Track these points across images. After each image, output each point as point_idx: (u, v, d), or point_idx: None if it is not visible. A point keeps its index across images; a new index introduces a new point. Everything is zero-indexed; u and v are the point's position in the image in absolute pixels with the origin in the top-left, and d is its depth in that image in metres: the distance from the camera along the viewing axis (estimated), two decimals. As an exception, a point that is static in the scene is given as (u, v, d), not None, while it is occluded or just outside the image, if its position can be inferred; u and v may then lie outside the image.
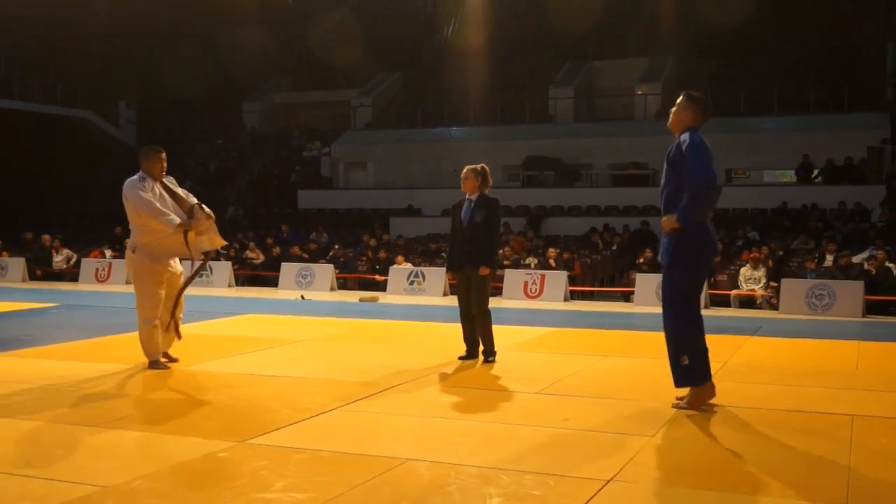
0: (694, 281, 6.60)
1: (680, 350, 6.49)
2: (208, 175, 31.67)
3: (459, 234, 8.83)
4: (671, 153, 6.50)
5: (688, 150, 6.36)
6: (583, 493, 4.54)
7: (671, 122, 6.67)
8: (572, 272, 18.19)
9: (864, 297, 14.96)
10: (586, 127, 29.15)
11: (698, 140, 6.41)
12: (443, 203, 22.37)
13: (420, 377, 7.87)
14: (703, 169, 6.31)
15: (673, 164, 6.50)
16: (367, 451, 5.31)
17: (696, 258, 6.53)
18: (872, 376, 8.19)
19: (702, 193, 6.34)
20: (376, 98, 33.38)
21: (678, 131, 6.59)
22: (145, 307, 8.07)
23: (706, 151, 6.39)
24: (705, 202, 6.44)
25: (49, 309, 14.12)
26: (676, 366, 6.52)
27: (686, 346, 6.48)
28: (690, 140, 6.40)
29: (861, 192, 22.62)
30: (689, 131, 6.50)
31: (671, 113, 6.68)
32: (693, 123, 6.55)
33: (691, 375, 6.52)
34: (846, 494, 4.59)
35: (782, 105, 27.18)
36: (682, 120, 6.60)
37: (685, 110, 6.59)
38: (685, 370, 6.49)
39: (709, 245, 6.62)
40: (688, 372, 6.50)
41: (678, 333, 6.52)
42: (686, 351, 6.47)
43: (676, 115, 6.63)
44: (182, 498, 4.46)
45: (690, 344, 6.49)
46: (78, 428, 5.90)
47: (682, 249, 6.46)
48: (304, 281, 19.38)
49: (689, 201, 6.32)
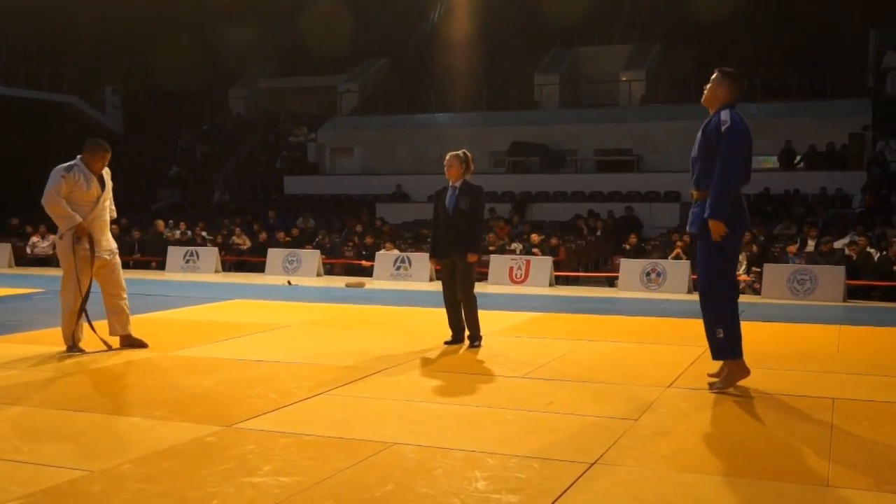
0: (730, 255, 6.61)
1: (715, 323, 6.56)
2: (194, 161, 31.59)
3: (444, 221, 8.86)
4: (709, 126, 6.46)
5: (727, 134, 6.32)
6: (567, 476, 4.59)
7: (706, 97, 6.64)
8: (557, 258, 18.26)
9: (845, 282, 15.08)
10: (571, 113, 29.20)
11: (741, 127, 6.35)
12: (429, 189, 22.33)
13: (406, 362, 7.92)
14: (738, 164, 6.32)
15: (709, 139, 6.45)
16: (354, 435, 5.35)
17: (730, 233, 6.45)
18: (853, 360, 8.27)
19: (731, 189, 6.36)
20: (363, 84, 33.31)
21: (714, 108, 6.56)
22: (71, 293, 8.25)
23: (746, 141, 6.36)
24: (736, 186, 6.42)
25: (34, 294, 14.10)
26: (713, 338, 6.59)
27: (720, 320, 6.53)
28: (732, 123, 6.34)
29: (843, 178, 22.77)
30: (729, 108, 6.47)
31: (705, 89, 6.64)
32: (729, 99, 6.53)
33: (726, 349, 6.59)
34: (827, 476, 4.65)
35: (765, 91, 27.25)
36: (718, 96, 6.58)
37: (720, 86, 6.57)
38: (720, 343, 6.57)
39: (741, 220, 6.59)
40: (722, 345, 6.57)
41: (715, 306, 6.56)
42: (721, 324, 6.53)
43: (711, 92, 6.60)
44: (169, 482, 4.49)
45: (724, 318, 6.53)
46: (65, 413, 5.92)
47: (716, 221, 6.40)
48: (291, 266, 19.39)
49: (719, 195, 6.32)
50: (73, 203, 8.13)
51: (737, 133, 6.33)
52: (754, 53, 29.30)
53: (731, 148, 6.31)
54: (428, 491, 4.38)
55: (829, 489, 4.46)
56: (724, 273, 6.62)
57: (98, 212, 8.28)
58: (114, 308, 8.45)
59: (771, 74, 28.00)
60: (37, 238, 22.33)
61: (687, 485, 4.53)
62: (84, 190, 8.13)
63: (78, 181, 8.10)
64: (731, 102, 6.54)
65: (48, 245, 22.18)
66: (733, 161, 6.32)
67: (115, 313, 8.45)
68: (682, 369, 7.56)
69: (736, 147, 6.32)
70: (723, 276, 6.60)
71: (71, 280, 8.26)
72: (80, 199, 8.15)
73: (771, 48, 29.72)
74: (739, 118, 6.41)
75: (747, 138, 6.40)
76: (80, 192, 8.13)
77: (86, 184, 8.14)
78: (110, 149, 8.37)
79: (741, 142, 6.34)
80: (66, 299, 8.30)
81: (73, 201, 8.14)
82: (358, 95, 32.75)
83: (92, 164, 8.20)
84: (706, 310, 6.64)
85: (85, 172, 8.15)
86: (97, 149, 8.23)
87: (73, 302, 8.24)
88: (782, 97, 26.90)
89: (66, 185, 8.07)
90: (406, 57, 34.92)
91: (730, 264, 6.68)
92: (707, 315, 6.62)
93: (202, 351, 8.39)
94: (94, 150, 8.21)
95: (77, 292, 8.21)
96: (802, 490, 4.45)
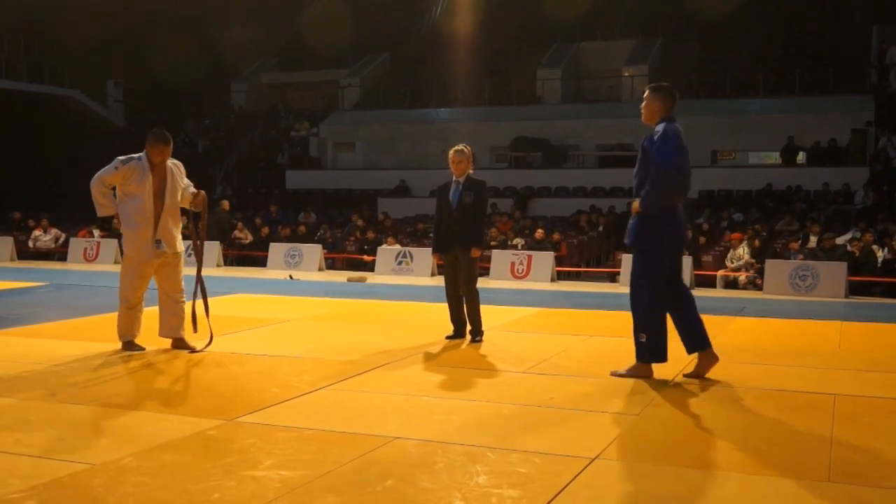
0: (656, 264, 6.82)
1: (639, 328, 6.87)
2: (196, 155, 31.57)
3: (448, 216, 8.85)
4: (645, 142, 6.74)
5: (658, 138, 6.60)
6: (568, 471, 4.59)
7: (644, 116, 6.96)
8: (559, 253, 18.26)
9: (846, 279, 15.08)
10: (573, 108, 29.18)
11: (671, 131, 6.63)
12: (430, 184, 22.39)
13: (407, 356, 7.92)
14: (666, 156, 6.56)
15: (645, 152, 6.73)
16: (355, 430, 5.36)
17: (657, 242, 6.77)
18: (854, 356, 8.28)
19: (663, 179, 6.58)
20: (364, 78, 33.27)
21: (654, 123, 6.83)
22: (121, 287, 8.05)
23: (675, 141, 6.61)
24: (668, 188, 6.66)
25: (37, 288, 14.11)
26: (637, 340, 6.91)
27: (644, 325, 6.84)
28: (663, 130, 6.63)
29: (845, 174, 22.74)
30: (665, 121, 6.73)
31: (641, 109, 6.94)
32: (664, 112, 6.80)
33: (647, 353, 6.88)
34: (828, 473, 4.66)
35: (768, 87, 27.24)
36: (653, 111, 6.87)
37: (652, 102, 6.87)
38: (642, 346, 6.89)
39: (673, 230, 6.84)
40: (644, 348, 6.88)
41: (638, 312, 6.86)
42: (644, 329, 6.83)
43: (646, 109, 6.91)
44: (170, 475, 4.49)
45: (648, 323, 6.82)
46: (66, 406, 5.93)
47: (645, 233, 6.76)
48: (293, 261, 19.41)
49: (652, 187, 6.60)
50: (129, 195, 7.89)
51: (666, 134, 6.61)
52: (757, 49, 29.27)
53: (661, 145, 6.58)
54: (429, 485, 4.39)
55: (829, 485, 4.47)
56: (644, 276, 6.83)
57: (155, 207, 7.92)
58: (168, 309, 8.15)
59: (773, 70, 27.97)
60: (39, 232, 22.34)
61: (688, 480, 4.53)
62: (137, 182, 7.83)
63: (132, 173, 7.82)
64: (667, 115, 6.80)
65: (50, 239, 22.22)
66: (664, 151, 6.57)
67: (169, 314, 8.16)
68: (684, 365, 7.55)
69: (664, 142, 6.58)
70: (642, 280, 6.83)
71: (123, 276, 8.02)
72: (134, 191, 7.88)
73: (773, 43, 29.68)
74: (672, 128, 6.68)
75: (678, 138, 6.64)
76: (133, 184, 7.83)
77: (140, 176, 7.84)
78: (170, 140, 8.01)
79: (670, 138, 6.59)
80: (121, 294, 8.03)
81: (129, 193, 7.89)
82: (359, 90, 32.71)
83: (150, 155, 7.91)
84: (632, 313, 6.92)
85: (143, 165, 7.87)
86: (155, 140, 7.91)
87: (130, 296, 7.98)
88: (785, 93, 26.88)
89: (118, 175, 7.81)
90: (408, 52, 34.87)
91: (652, 268, 6.83)
92: (633, 317, 6.92)
93: (203, 345, 8.39)
94: (152, 142, 7.90)
95: (132, 287, 7.96)
96: (803, 485, 4.45)
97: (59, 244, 22.05)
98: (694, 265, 16.72)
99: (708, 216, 21.22)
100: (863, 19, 28.77)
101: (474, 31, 32.22)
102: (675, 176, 6.63)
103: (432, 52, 33.26)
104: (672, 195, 6.72)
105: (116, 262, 20.36)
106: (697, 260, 17.25)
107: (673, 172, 6.60)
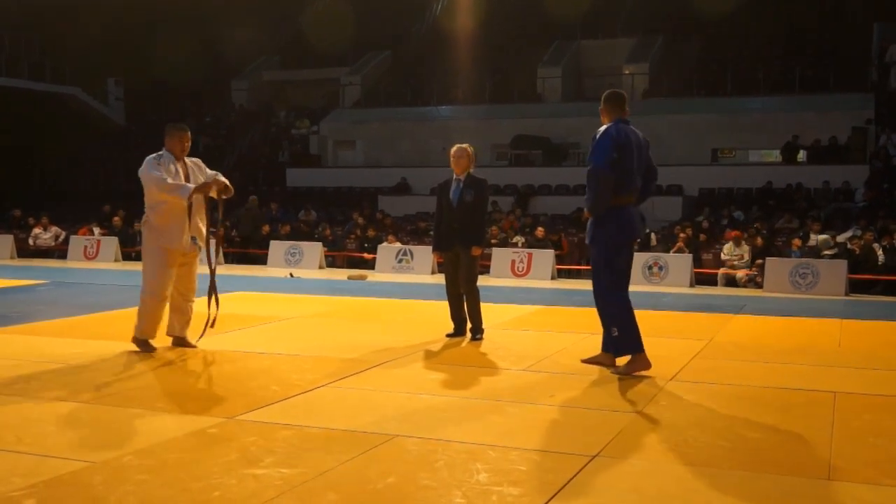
0: (612, 260, 7.05)
1: (608, 322, 7.08)
2: (197, 152, 31.38)
3: (448, 214, 8.85)
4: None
5: (595, 139, 6.93)
6: (568, 469, 4.59)
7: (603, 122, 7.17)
8: (559, 251, 18.26)
9: (846, 276, 15.09)
10: (574, 106, 29.11)
11: (610, 131, 6.91)
12: (431, 182, 22.38)
13: (408, 354, 7.93)
14: (594, 156, 6.89)
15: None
16: (356, 428, 5.36)
17: (609, 239, 7.01)
18: (854, 354, 8.29)
19: (590, 178, 6.87)
20: (365, 76, 33.25)
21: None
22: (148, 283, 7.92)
23: (609, 141, 6.85)
24: (599, 186, 6.85)
25: (37, 286, 14.12)
26: (609, 336, 7.10)
27: (613, 319, 7.04)
28: (603, 131, 6.93)
29: (845, 172, 22.73)
30: (614, 122, 6.99)
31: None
32: (612, 116, 7.05)
33: (623, 345, 7.03)
34: (828, 470, 4.66)
35: (768, 85, 27.22)
36: (603, 117, 7.14)
37: (602, 110, 7.17)
38: (616, 340, 7.05)
39: (624, 228, 7.02)
40: (619, 342, 7.03)
41: (604, 307, 7.11)
42: (614, 323, 7.02)
43: (602, 117, 7.14)
44: (171, 473, 4.49)
45: (616, 316, 7.02)
46: (67, 404, 5.92)
47: (597, 231, 7.03)
48: (293, 259, 19.42)
49: (586, 187, 6.92)
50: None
51: (601, 135, 6.89)
52: (757, 47, 29.25)
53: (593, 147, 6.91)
54: (429, 483, 4.39)
55: (829, 482, 4.47)
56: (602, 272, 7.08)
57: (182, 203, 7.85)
58: (180, 307, 8.13)
59: (774, 68, 27.94)
60: (39, 229, 22.35)
61: (688, 478, 4.53)
62: (172, 176, 7.80)
63: (169, 169, 7.81)
64: (617, 117, 7.04)
65: (50, 237, 22.23)
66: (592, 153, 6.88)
67: (180, 313, 8.14)
68: (684, 363, 7.57)
69: (595, 144, 6.89)
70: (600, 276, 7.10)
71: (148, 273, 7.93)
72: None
73: (774, 42, 29.65)
74: (613, 128, 6.92)
75: (611, 138, 6.85)
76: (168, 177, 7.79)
77: (175, 171, 7.84)
78: (188, 128, 8.03)
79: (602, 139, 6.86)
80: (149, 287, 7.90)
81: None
82: (360, 88, 32.70)
83: (171, 146, 7.89)
84: (598, 309, 7.19)
85: (171, 160, 7.87)
86: (174, 130, 7.92)
87: (161, 289, 7.87)
88: (785, 91, 26.84)
89: (162, 167, 7.76)
90: (409, 50, 34.84)
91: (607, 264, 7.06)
92: (600, 314, 7.18)
93: (204, 343, 8.39)
94: (172, 132, 7.90)
95: (165, 277, 7.86)
96: (803, 483, 4.46)
97: (60, 242, 22.06)
98: (694, 263, 16.73)
99: (708, 214, 21.24)
100: (863, 17, 28.73)
101: (475, 29, 32.19)
102: (606, 174, 6.80)
103: (433, 50, 33.23)
104: (607, 193, 6.86)
105: (116, 260, 20.39)
106: (698, 258, 17.26)
107: (600, 171, 6.80)
